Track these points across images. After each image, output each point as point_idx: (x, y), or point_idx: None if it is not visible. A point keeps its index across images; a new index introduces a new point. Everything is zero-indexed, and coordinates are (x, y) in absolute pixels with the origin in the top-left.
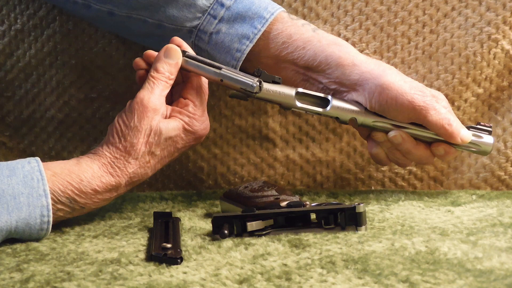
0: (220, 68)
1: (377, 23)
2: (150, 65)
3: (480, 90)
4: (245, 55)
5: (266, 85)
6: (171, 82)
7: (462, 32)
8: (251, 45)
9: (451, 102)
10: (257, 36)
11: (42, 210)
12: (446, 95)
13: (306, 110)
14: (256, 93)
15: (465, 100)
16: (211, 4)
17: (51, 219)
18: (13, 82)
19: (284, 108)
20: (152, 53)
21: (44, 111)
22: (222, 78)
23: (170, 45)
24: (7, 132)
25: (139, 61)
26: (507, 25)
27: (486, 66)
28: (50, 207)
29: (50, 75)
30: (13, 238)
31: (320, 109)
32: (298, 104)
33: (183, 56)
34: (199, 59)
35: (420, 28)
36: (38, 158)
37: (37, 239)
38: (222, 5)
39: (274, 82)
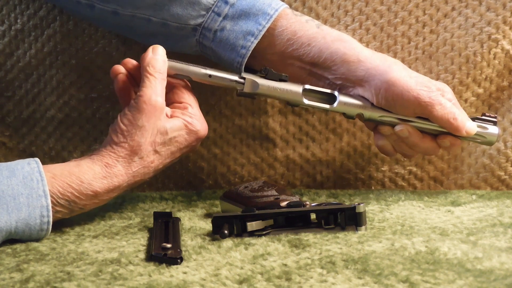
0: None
1: (377, 23)
2: (129, 72)
3: (480, 90)
4: (250, 52)
5: (273, 83)
6: (166, 79)
7: (462, 32)
8: (256, 42)
9: None
10: (262, 33)
11: (42, 210)
12: None
13: (313, 107)
14: (242, 87)
15: (465, 100)
16: (215, 1)
17: (51, 220)
18: (13, 82)
19: (292, 105)
20: (130, 60)
21: (44, 111)
22: (210, 74)
23: (154, 45)
24: (7, 132)
25: (117, 67)
26: (507, 25)
27: (486, 66)
28: (50, 207)
29: (50, 75)
30: (13, 238)
31: (327, 106)
32: (306, 101)
33: (168, 60)
34: (183, 62)
35: (420, 28)
36: (37, 159)
37: (37, 240)
38: (226, 2)
39: (281, 80)
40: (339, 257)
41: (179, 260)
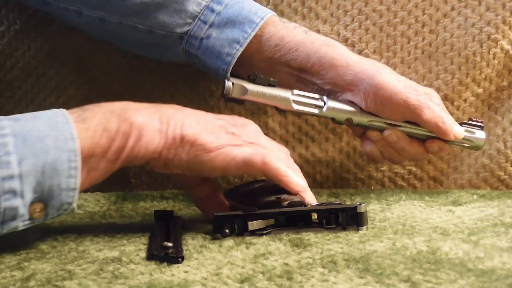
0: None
1: (377, 23)
2: None
3: (480, 90)
4: (235, 59)
5: (262, 88)
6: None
7: (461, 32)
8: (241, 49)
9: (451, 102)
10: (247, 40)
11: (70, 155)
12: (446, 95)
13: (302, 112)
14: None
15: (465, 100)
16: (201, 10)
17: (79, 165)
18: (12, 82)
19: (280, 110)
20: None
21: None
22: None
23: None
24: None
25: None
26: (507, 25)
27: (486, 66)
28: (78, 152)
29: (49, 75)
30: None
31: (316, 111)
32: (295, 106)
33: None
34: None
35: (419, 28)
36: (63, 109)
37: (68, 192)
38: (213, 10)
39: (270, 85)
40: (340, 256)
41: (180, 259)
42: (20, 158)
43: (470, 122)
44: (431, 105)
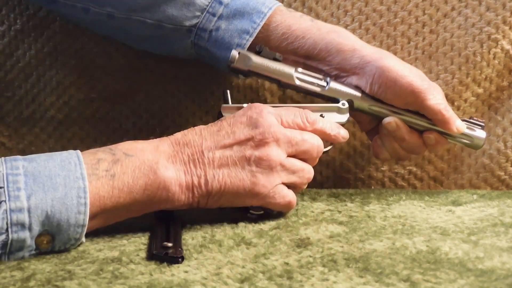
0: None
1: (377, 23)
2: None
3: (480, 90)
4: (245, 50)
5: (267, 61)
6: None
7: (462, 32)
8: (251, 39)
9: (451, 102)
10: (257, 30)
11: (79, 191)
12: (446, 95)
13: (304, 89)
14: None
15: (465, 100)
16: (209, 2)
17: (88, 202)
18: (13, 82)
19: (283, 86)
20: None
21: (44, 112)
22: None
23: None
24: (7, 132)
25: None
26: (507, 25)
27: (486, 66)
28: (87, 189)
29: (50, 75)
30: (52, 231)
31: (318, 89)
32: (297, 82)
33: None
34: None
35: (420, 28)
36: (78, 151)
37: (76, 228)
38: (220, 2)
39: (275, 59)
40: (340, 255)
41: (180, 259)
42: (29, 194)
43: (471, 120)
44: (434, 92)
